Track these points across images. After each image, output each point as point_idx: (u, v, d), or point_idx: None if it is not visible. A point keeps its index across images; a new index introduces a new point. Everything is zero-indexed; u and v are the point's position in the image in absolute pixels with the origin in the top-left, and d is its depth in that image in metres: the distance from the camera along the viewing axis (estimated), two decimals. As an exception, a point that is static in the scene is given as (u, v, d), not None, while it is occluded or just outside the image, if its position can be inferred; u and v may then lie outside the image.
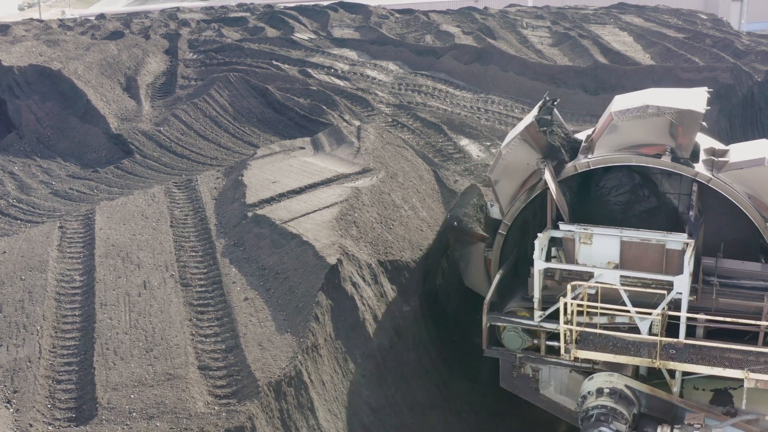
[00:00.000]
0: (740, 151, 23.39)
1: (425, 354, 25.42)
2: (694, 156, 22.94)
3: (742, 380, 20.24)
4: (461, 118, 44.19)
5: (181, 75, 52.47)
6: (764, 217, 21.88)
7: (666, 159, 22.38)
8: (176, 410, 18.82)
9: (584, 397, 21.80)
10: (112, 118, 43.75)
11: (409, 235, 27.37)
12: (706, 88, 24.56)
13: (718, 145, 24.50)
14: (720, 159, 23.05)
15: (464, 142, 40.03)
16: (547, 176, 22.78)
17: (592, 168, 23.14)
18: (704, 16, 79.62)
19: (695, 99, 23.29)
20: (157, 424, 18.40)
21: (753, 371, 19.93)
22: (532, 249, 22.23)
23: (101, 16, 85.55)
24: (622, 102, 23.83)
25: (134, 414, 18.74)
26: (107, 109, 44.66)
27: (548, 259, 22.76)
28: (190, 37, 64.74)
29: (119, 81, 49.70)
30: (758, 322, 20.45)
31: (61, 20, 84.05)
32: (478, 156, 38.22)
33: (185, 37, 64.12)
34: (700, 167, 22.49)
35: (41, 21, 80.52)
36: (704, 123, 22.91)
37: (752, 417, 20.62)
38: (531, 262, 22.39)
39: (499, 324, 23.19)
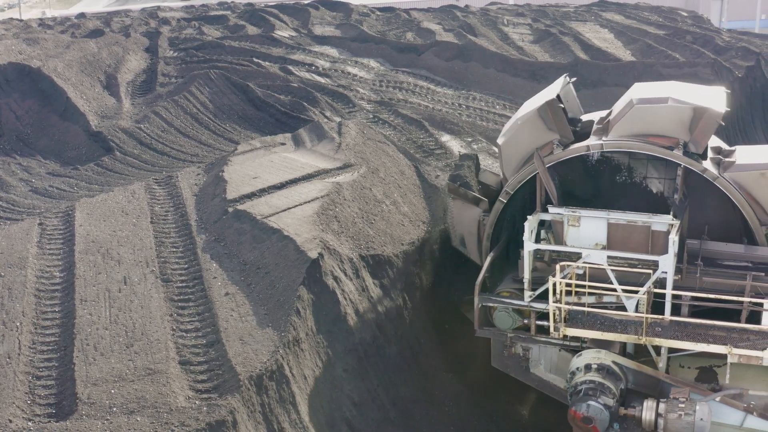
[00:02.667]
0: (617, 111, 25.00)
1: (407, 348, 25.40)
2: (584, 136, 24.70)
3: (726, 358, 20.71)
4: (442, 114, 44.18)
5: (162, 72, 52.30)
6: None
7: (558, 150, 23.99)
8: (157, 405, 18.72)
9: (573, 374, 22.22)
10: (92, 116, 43.55)
11: (390, 230, 27.36)
12: (566, 74, 27.03)
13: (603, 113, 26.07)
14: (603, 124, 24.70)
15: (445, 138, 40.01)
16: (537, 162, 23.53)
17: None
18: (685, 14, 79.86)
19: (551, 89, 25.60)
20: (138, 419, 18.30)
21: (736, 347, 20.40)
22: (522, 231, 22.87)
23: (81, 15, 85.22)
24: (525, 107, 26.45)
25: (114, 409, 18.63)
26: (87, 107, 44.46)
27: (538, 241, 23.33)
28: (171, 35, 64.59)
29: (99, 79, 49.50)
30: (740, 299, 20.98)
31: (41, 20, 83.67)
32: (459, 152, 38.17)
33: (165, 35, 63.95)
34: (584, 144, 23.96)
35: (21, 21, 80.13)
36: (563, 106, 24.79)
37: (736, 392, 21.09)
38: (521, 245, 22.90)
39: (491, 304, 23.65)
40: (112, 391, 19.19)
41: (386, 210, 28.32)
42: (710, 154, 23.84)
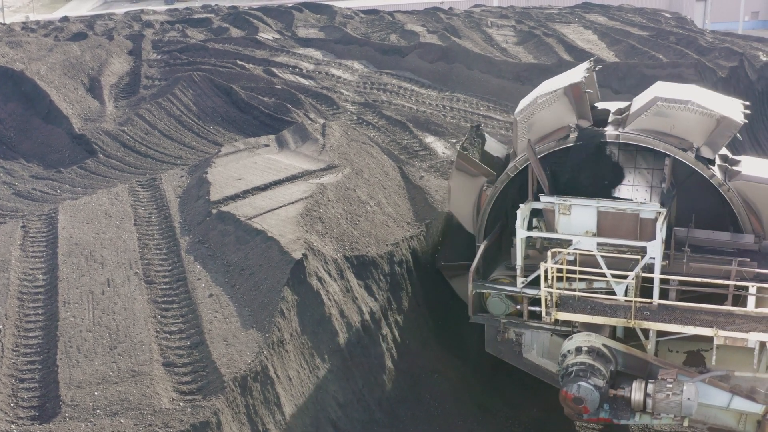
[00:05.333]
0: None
1: (392, 348, 25.37)
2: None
3: (712, 342, 21.20)
4: (426, 115, 44.25)
5: (145, 75, 52.20)
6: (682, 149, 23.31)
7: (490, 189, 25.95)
8: (140, 407, 18.66)
9: (564, 356, 22.64)
10: (76, 119, 43.40)
11: (375, 231, 27.33)
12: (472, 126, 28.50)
13: None
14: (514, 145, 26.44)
15: (430, 139, 40.06)
16: (529, 153, 24.09)
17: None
18: (668, 15, 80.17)
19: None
20: (122, 421, 18.23)
21: (722, 329, 20.81)
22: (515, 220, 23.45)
23: (64, 19, 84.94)
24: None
25: (98, 411, 18.56)
26: (70, 110, 44.30)
27: (530, 229, 23.91)
28: (154, 38, 64.49)
29: (82, 82, 49.35)
30: (726, 282, 21.51)
31: (24, 23, 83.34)
32: (443, 153, 38.23)
33: (149, 38, 63.85)
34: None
35: (4, 25, 79.80)
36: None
37: (722, 374, 21.54)
38: (514, 234, 23.56)
39: (484, 291, 24.31)
40: (96, 393, 19.11)
41: (370, 211, 28.30)
42: (611, 118, 24.95)
